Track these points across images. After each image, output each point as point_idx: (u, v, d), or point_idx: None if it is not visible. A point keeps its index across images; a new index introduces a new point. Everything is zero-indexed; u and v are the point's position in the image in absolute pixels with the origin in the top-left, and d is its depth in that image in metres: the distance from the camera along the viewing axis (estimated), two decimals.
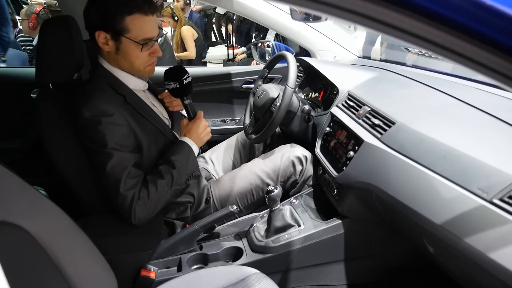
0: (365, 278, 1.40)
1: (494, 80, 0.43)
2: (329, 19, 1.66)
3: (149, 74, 1.18)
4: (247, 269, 1.02)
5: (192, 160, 1.22)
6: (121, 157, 1.06)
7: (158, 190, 1.09)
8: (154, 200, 1.09)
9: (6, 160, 0.67)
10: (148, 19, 1.06)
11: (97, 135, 1.04)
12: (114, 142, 1.05)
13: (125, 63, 1.12)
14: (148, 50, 1.11)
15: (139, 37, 1.06)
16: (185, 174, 1.20)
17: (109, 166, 1.04)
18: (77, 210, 1.10)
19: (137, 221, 1.07)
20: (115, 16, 1.03)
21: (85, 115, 1.04)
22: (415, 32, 0.41)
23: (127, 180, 1.05)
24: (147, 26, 1.07)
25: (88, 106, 1.04)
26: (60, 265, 0.69)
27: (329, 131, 1.40)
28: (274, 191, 1.21)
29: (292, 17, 1.58)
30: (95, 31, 1.06)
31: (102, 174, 1.06)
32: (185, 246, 1.25)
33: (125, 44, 1.07)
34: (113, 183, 1.05)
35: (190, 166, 1.21)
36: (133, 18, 1.04)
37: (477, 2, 0.36)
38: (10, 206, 0.64)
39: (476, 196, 0.75)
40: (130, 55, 1.10)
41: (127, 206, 1.05)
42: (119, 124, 1.07)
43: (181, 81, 1.18)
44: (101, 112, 1.05)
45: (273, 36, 3.28)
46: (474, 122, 0.96)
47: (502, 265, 0.69)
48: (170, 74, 1.20)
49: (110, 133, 1.05)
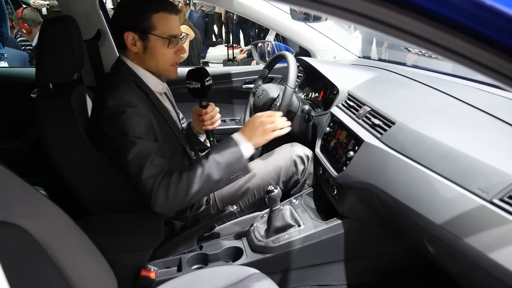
0: (365, 278, 1.40)
1: (494, 80, 0.43)
2: (329, 19, 1.66)
3: (173, 74, 1.21)
4: (247, 269, 1.02)
5: (234, 157, 1.11)
6: (144, 145, 1.07)
7: (182, 180, 1.07)
8: (178, 189, 1.06)
9: (6, 160, 0.67)
10: (172, 17, 1.13)
11: (121, 124, 1.06)
12: (137, 131, 1.07)
13: (152, 62, 1.16)
14: (174, 47, 1.15)
15: (165, 33, 1.12)
16: (222, 171, 1.10)
17: (132, 154, 1.05)
18: (77, 210, 1.10)
19: (159, 209, 1.06)
20: (142, 15, 1.09)
21: (110, 104, 1.07)
22: (415, 32, 0.41)
23: (149, 167, 1.05)
24: (172, 24, 1.13)
25: (113, 96, 1.08)
26: (60, 265, 0.69)
27: (329, 131, 1.40)
28: (274, 191, 1.21)
29: (292, 17, 1.58)
30: (124, 32, 1.11)
31: (125, 162, 1.06)
32: (185, 246, 1.25)
33: (153, 41, 1.12)
34: (135, 170, 1.05)
35: (231, 164, 1.11)
36: (159, 16, 1.10)
37: (477, 2, 0.36)
38: (10, 206, 0.64)
39: (476, 196, 0.75)
40: (157, 53, 1.14)
41: (148, 193, 1.05)
42: (142, 116, 1.10)
43: (203, 82, 1.22)
44: (126, 102, 1.08)
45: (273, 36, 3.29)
46: (474, 122, 0.96)
47: (502, 265, 0.69)
48: (193, 74, 1.23)
49: (134, 123, 1.07)
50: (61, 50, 1.15)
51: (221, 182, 1.12)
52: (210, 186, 1.11)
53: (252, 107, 1.68)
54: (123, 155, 1.06)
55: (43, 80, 1.16)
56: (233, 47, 6.14)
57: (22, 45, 3.24)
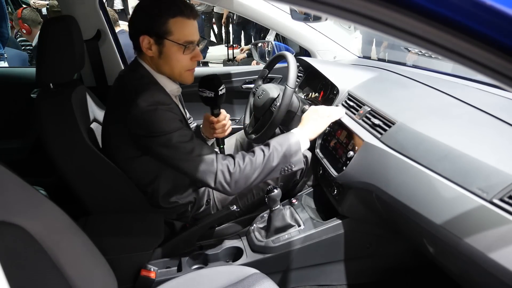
0: (365, 278, 1.40)
1: (494, 80, 0.43)
2: (329, 19, 1.66)
3: (188, 80, 1.19)
4: (247, 269, 1.02)
5: (291, 147, 1.14)
6: (186, 133, 1.10)
7: (245, 163, 1.10)
8: (243, 171, 1.09)
9: (6, 160, 0.67)
10: (189, 22, 1.10)
11: (155, 122, 1.06)
12: (173, 126, 1.08)
13: (167, 67, 1.14)
14: (190, 53, 1.13)
15: (181, 39, 1.09)
16: (280, 159, 1.13)
17: (183, 146, 1.07)
18: (77, 210, 1.10)
19: (230, 191, 1.10)
20: (159, 19, 1.06)
21: (142, 105, 1.05)
22: (415, 32, 0.41)
23: (203, 150, 1.08)
24: (188, 29, 1.10)
25: (144, 97, 1.06)
26: (60, 265, 0.69)
27: (329, 131, 1.40)
28: (274, 191, 1.21)
29: (292, 17, 1.58)
30: (139, 36, 1.09)
31: (177, 156, 1.07)
32: (185, 246, 1.25)
33: (168, 47, 1.09)
34: (191, 160, 1.07)
35: (287, 153, 1.13)
36: (175, 21, 1.07)
37: (477, 2, 0.36)
38: (10, 206, 0.64)
39: (476, 196, 0.75)
40: (172, 59, 1.12)
41: (212, 176, 1.08)
42: (174, 113, 1.10)
43: (217, 91, 1.21)
44: (158, 102, 1.07)
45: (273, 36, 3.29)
46: (474, 122, 0.96)
47: (502, 265, 0.69)
48: (206, 82, 1.22)
49: (170, 118, 1.08)
50: (62, 50, 1.14)
51: (276, 171, 1.14)
52: (267, 172, 1.13)
53: (252, 107, 1.68)
54: (174, 151, 1.07)
55: (43, 80, 1.16)
56: (233, 47, 6.14)
57: (22, 45, 3.24)
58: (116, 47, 1.91)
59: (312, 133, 1.21)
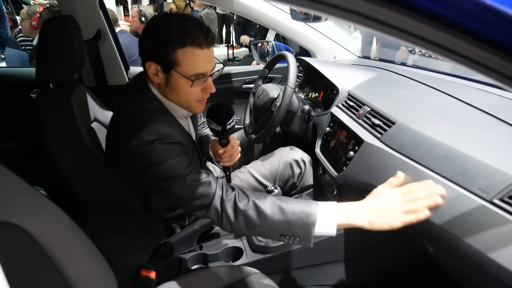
0: (365, 278, 1.40)
1: (494, 80, 0.43)
2: (329, 19, 1.66)
3: (198, 110, 1.09)
4: (247, 269, 1.02)
5: (301, 219, 0.89)
6: (185, 160, 0.99)
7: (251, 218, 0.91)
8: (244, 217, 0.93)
9: (6, 160, 0.67)
10: (202, 53, 0.96)
11: (161, 154, 0.97)
12: (174, 159, 0.98)
13: (173, 96, 1.05)
14: (200, 85, 1.01)
15: (190, 72, 0.97)
16: (281, 223, 0.91)
17: (180, 181, 0.96)
18: (77, 210, 1.10)
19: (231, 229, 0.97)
20: (166, 48, 0.94)
21: (145, 138, 0.96)
22: (415, 32, 0.41)
23: (201, 187, 0.96)
24: (199, 60, 0.97)
25: (149, 129, 0.97)
26: (60, 265, 0.69)
27: (329, 131, 1.40)
28: (274, 191, 1.20)
29: (292, 17, 1.58)
30: (146, 61, 0.99)
31: (174, 188, 0.97)
32: (185, 246, 1.25)
33: (175, 78, 0.99)
34: (186, 194, 0.96)
35: (293, 223, 0.90)
36: (185, 51, 0.95)
37: (477, 2, 0.36)
38: (10, 206, 0.64)
39: (476, 196, 0.75)
40: (179, 90, 1.01)
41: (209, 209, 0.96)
42: (180, 143, 1.02)
43: (224, 126, 1.09)
44: (162, 134, 0.98)
45: (273, 36, 3.29)
46: (474, 122, 0.96)
47: (502, 265, 0.69)
48: (214, 114, 1.10)
49: (175, 151, 0.99)
50: (62, 50, 1.14)
51: (274, 234, 0.92)
52: (265, 229, 0.92)
53: (252, 107, 1.69)
54: (171, 183, 0.97)
55: (43, 80, 1.16)
56: (233, 47, 6.15)
57: (22, 45, 3.24)
58: (116, 47, 1.91)
59: (370, 214, 0.91)
